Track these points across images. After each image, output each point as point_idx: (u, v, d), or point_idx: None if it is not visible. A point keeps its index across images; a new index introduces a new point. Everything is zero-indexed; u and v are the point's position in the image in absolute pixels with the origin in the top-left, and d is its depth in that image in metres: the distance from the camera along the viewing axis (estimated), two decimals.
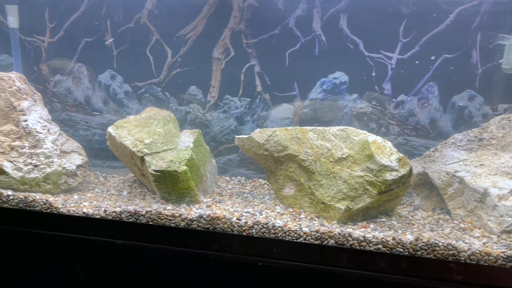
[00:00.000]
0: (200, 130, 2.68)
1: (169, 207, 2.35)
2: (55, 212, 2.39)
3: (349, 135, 2.26)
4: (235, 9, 2.61)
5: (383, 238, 2.09)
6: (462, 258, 2.02)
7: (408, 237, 2.10)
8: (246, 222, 2.23)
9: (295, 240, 2.17)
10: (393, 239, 2.09)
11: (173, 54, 2.75)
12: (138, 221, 2.32)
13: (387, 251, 2.09)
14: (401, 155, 2.18)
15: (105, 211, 2.35)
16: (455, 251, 2.03)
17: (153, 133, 2.45)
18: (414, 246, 2.07)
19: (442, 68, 2.48)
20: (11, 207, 2.43)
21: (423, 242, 2.06)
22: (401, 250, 2.08)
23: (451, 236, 2.15)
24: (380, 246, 2.09)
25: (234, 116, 2.82)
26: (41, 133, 2.50)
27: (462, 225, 2.26)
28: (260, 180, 2.84)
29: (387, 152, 2.17)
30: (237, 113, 2.81)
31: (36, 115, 2.54)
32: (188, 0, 2.64)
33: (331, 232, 2.14)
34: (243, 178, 2.88)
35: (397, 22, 2.46)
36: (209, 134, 2.85)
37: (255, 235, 2.22)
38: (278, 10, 2.57)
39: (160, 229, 2.30)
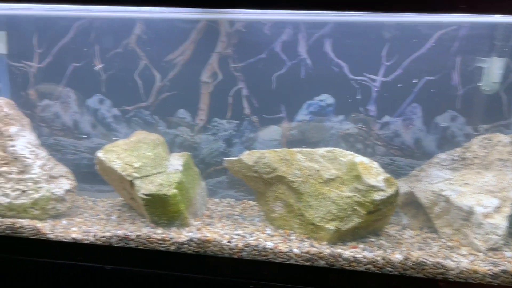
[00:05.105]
0: (189, 153, 2.70)
1: (159, 230, 2.34)
2: (43, 238, 2.37)
3: (337, 156, 2.30)
4: (222, 34, 2.67)
5: (372, 258, 2.12)
6: (451, 276, 2.05)
7: (397, 257, 2.13)
8: (236, 245, 2.23)
9: (286, 262, 2.18)
10: (383, 258, 2.11)
11: (161, 78, 2.79)
12: (128, 245, 2.31)
13: (377, 271, 2.11)
14: (388, 175, 2.22)
15: (94, 236, 2.34)
16: (443, 270, 2.07)
17: (143, 157, 2.46)
18: (403, 265, 2.10)
19: (424, 90, 2.56)
20: None
21: (412, 261, 2.10)
22: (391, 269, 2.10)
23: (439, 255, 2.19)
24: (370, 266, 2.12)
25: (223, 138, 2.85)
26: (29, 158, 2.49)
27: (449, 243, 2.30)
28: (250, 201, 2.85)
29: (374, 173, 2.21)
30: (225, 136, 2.84)
31: (24, 140, 2.53)
32: (176, 26, 2.69)
33: (321, 252, 2.16)
34: (233, 200, 2.89)
35: (380, 46, 2.54)
36: (198, 157, 2.87)
37: (246, 258, 2.23)
38: (265, 35, 2.63)
39: (150, 253, 2.29)
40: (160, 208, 2.35)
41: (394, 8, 1.88)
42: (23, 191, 2.44)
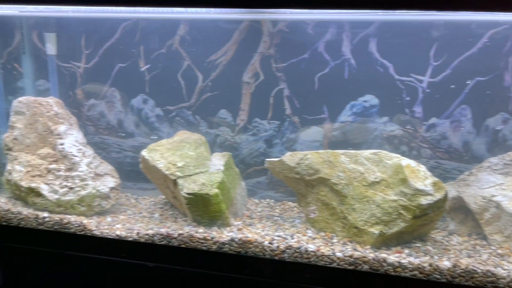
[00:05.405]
0: (230, 153, 2.71)
1: (201, 230, 2.36)
2: (89, 234, 2.43)
3: (382, 159, 2.25)
4: (265, 34, 2.66)
5: (419, 264, 2.06)
6: (501, 285, 1.96)
7: (445, 263, 2.05)
8: (278, 246, 2.22)
9: (328, 265, 2.15)
10: (430, 265, 2.05)
11: (203, 78, 2.80)
12: (170, 243, 2.34)
13: (423, 278, 2.05)
14: (436, 179, 2.15)
15: (137, 233, 2.38)
16: (494, 278, 1.98)
17: (185, 156, 2.49)
18: (452, 273, 2.02)
19: (475, 91, 2.46)
20: (47, 228, 2.48)
21: (461, 269, 2.02)
22: (438, 277, 2.04)
23: (489, 262, 2.10)
24: (416, 272, 2.05)
25: (263, 138, 2.84)
26: (76, 156, 2.56)
27: (499, 251, 2.20)
28: (290, 203, 2.83)
29: (421, 176, 2.14)
30: (266, 136, 2.83)
31: (72, 139, 2.61)
32: (219, 26, 2.70)
33: (365, 257, 2.11)
34: (272, 200, 2.87)
35: (428, 46, 2.46)
36: (238, 157, 2.87)
37: (287, 260, 2.21)
38: (308, 34, 2.60)
39: (192, 252, 2.31)
40: (202, 208, 2.36)
41: (446, 7, 1.81)
42: (71, 188, 2.51)
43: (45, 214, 2.48)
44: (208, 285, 2.37)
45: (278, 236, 2.32)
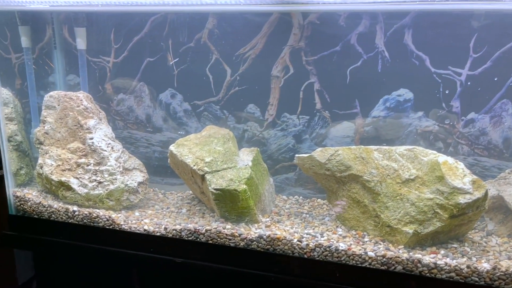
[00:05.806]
0: (258, 149, 2.66)
1: (229, 226, 2.33)
2: (117, 228, 2.43)
3: (417, 155, 2.15)
4: (295, 26, 2.59)
5: (456, 265, 1.96)
6: None
7: (484, 265, 1.95)
8: (307, 244, 2.16)
9: (360, 265, 2.08)
10: (468, 267, 1.95)
11: (232, 72, 2.76)
12: (198, 239, 2.32)
13: (460, 280, 1.95)
14: (476, 177, 2.04)
15: (165, 228, 2.37)
16: None
17: (213, 152, 2.45)
18: (492, 276, 1.92)
19: None
20: (76, 222, 2.50)
21: (501, 272, 1.91)
22: (477, 279, 1.94)
23: None
24: (453, 274, 1.96)
25: (292, 134, 2.77)
26: (105, 150, 2.57)
27: None
28: (319, 200, 2.76)
29: (459, 174, 2.04)
30: (295, 131, 2.76)
31: (101, 133, 2.62)
32: (248, 19, 2.65)
33: (399, 257, 2.03)
34: (301, 197, 2.81)
35: (467, 37, 2.34)
36: (266, 152, 2.82)
37: (317, 258, 2.15)
38: (340, 26, 2.52)
39: (219, 248, 2.28)
40: (230, 204, 2.33)
41: None
42: (100, 182, 2.52)
43: (75, 208, 2.50)
44: (235, 282, 2.34)
45: (307, 233, 2.26)
